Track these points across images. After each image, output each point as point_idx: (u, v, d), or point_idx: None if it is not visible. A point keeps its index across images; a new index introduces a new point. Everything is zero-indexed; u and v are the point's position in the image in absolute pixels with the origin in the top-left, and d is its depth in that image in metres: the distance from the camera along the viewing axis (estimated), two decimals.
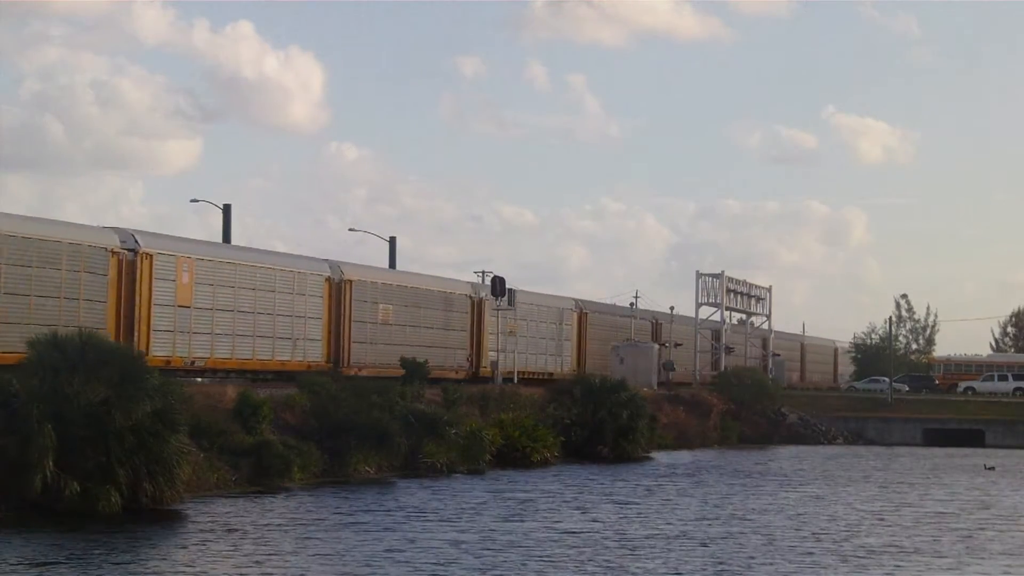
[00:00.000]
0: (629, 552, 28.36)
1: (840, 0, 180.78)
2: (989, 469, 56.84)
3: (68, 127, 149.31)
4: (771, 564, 27.10)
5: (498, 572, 25.45)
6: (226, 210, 67.27)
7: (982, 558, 29.02)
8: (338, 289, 55.41)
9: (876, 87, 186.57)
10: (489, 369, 66.03)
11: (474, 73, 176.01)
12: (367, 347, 56.95)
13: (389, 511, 34.47)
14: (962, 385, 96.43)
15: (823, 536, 31.83)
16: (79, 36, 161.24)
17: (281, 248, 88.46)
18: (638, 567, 26.52)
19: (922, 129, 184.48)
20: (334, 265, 56.03)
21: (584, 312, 79.33)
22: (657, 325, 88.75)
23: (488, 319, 66.80)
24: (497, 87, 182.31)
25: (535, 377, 70.19)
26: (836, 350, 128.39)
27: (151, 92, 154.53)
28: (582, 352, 78.23)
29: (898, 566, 27.39)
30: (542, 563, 26.58)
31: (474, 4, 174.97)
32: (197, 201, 78.27)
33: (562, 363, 75.14)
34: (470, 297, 66.44)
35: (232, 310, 49.04)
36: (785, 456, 64.89)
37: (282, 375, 50.52)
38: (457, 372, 62.87)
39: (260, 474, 38.91)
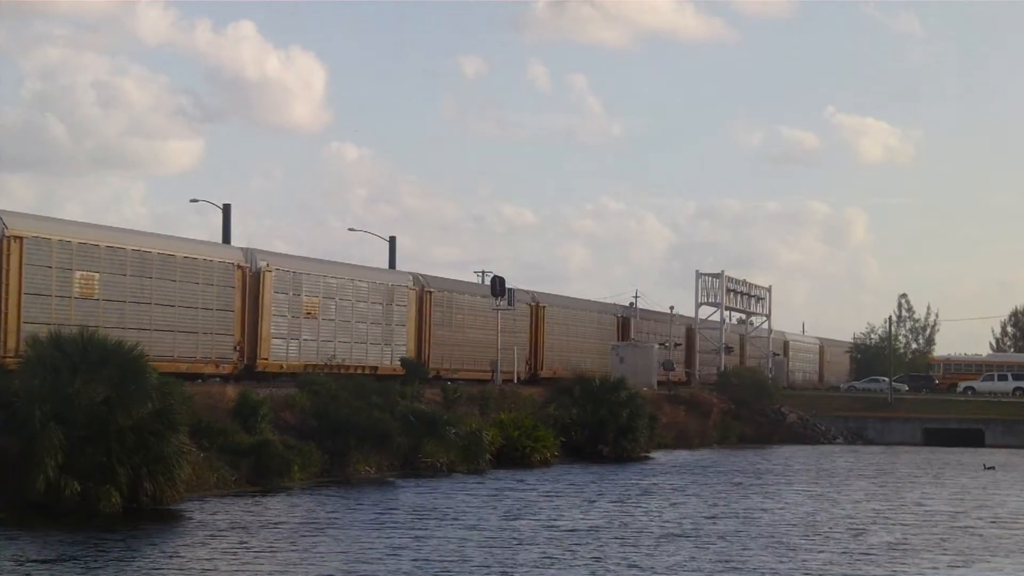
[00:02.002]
0: (635, 549, 28.32)
1: (842, 0, 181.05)
2: (989, 469, 56.85)
3: (70, 127, 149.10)
4: (779, 563, 27.10)
5: (502, 571, 25.44)
6: (226, 210, 67.19)
7: (996, 556, 29.07)
8: None
9: (877, 87, 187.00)
10: (272, 362, 51.67)
11: (475, 73, 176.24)
12: (53, 331, 38.38)
13: (390, 510, 34.44)
14: (962, 385, 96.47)
15: (828, 535, 31.80)
16: (81, 36, 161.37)
17: (282, 248, 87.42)
18: (648, 564, 26.52)
19: (922, 129, 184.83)
20: None
21: (428, 290, 63.61)
22: (537, 308, 74.22)
23: (271, 296, 51.66)
24: (498, 87, 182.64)
25: (347, 372, 53.85)
26: (787, 344, 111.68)
27: (153, 92, 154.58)
28: (424, 340, 62.74)
29: (912, 563, 27.38)
30: (547, 562, 26.55)
31: (476, 4, 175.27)
32: (196, 201, 78.28)
33: (392, 355, 59.33)
34: (239, 267, 50.31)
35: None
36: (785, 455, 64.88)
37: None
38: (218, 366, 48.62)
39: (260, 474, 38.91)
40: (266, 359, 51.28)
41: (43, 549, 26.60)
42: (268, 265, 51.88)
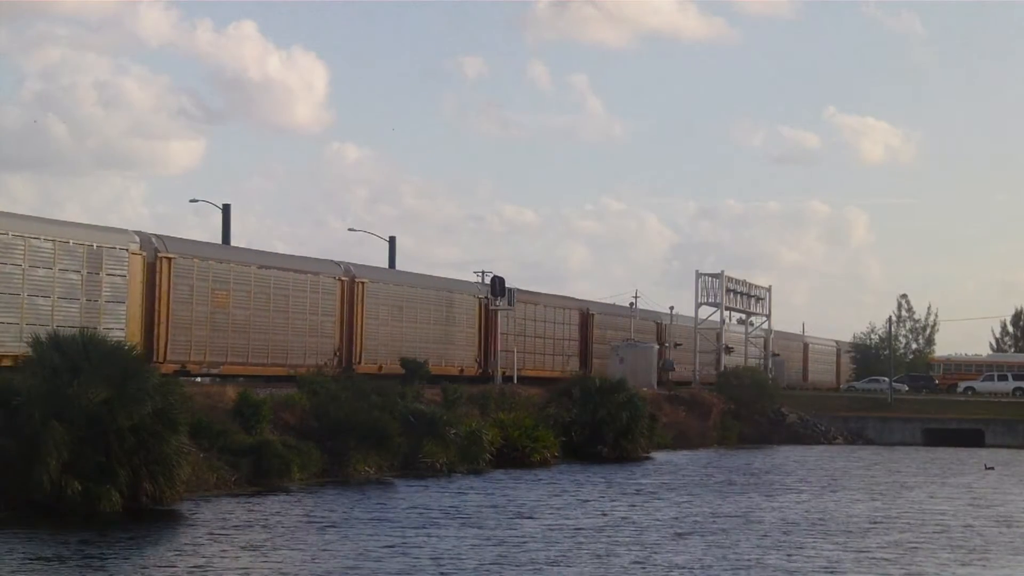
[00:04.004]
0: (637, 549, 28.25)
1: (842, 0, 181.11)
2: (989, 469, 56.82)
3: (71, 127, 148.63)
4: (783, 561, 27.03)
5: (502, 571, 25.37)
6: (225, 210, 67.20)
7: (1000, 555, 29.05)
8: None
9: (878, 87, 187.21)
10: None
11: (477, 73, 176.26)
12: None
13: (390, 510, 34.40)
14: (962, 385, 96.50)
15: (832, 534, 31.72)
16: (83, 36, 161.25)
17: (282, 249, 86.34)
18: (650, 562, 26.45)
19: (924, 129, 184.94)
20: None
21: (165, 256, 47.44)
22: (354, 284, 58.02)
23: None
24: (499, 87, 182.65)
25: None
26: (718, 334, 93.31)
27: (154, 92, 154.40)
28: (157, 324, 46.88)
29: (916, 563, 27.33)
30: (548, 561, 26.46)
31: (477, 4, 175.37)
32: (196, 201, 78.25)
33: None
34: None
35: None
36: (785, 456, 64.85)
37: None
38: None
39: (260, 474, 38.86)
40: None
41: (44, 548, 26.53)
42: None
